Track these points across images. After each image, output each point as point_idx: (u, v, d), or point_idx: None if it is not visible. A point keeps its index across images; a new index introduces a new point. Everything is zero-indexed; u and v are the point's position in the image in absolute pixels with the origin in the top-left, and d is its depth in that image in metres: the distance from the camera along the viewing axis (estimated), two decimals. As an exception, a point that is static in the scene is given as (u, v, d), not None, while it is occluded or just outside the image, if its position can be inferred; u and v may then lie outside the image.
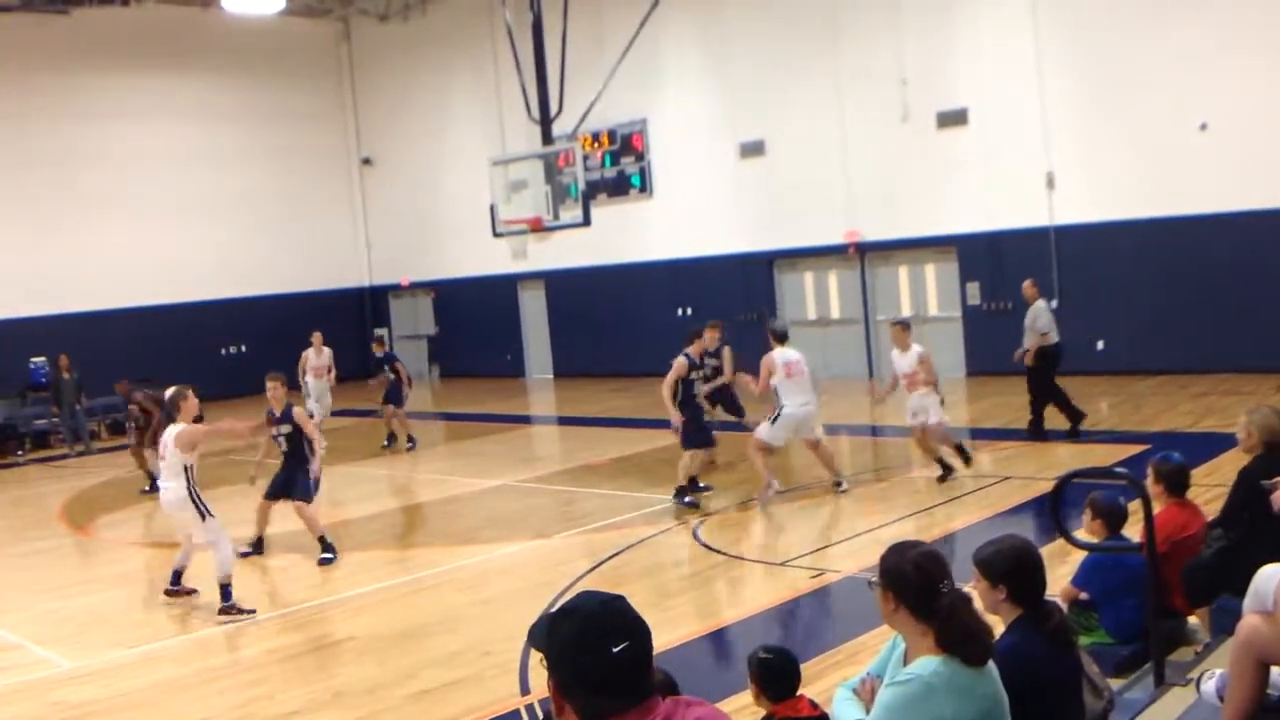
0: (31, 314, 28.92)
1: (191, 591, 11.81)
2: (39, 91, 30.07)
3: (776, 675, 5.34)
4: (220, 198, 32.86)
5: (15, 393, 27.24)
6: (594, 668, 2.64)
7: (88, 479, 20.77)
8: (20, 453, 25.28)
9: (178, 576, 11.85)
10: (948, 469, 14.37)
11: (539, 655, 2.74)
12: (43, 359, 27.78)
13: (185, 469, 11.31)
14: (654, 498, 14.88)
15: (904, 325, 15.10)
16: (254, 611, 11.14)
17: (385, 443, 21.17)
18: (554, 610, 2.76)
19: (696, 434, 14.61)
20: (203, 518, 11.30)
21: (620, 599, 2.74)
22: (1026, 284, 17.57)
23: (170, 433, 11.50)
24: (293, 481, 13.32)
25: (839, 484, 14.45)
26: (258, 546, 13.57)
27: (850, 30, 24.38)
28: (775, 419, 13.99)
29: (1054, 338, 16.89)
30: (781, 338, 14.20)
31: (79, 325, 28.97)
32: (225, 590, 11.14)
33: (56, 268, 29.61)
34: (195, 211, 32.29)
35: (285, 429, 13.28)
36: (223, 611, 11.03)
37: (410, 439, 20.99)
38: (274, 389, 13.50)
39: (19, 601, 12.70)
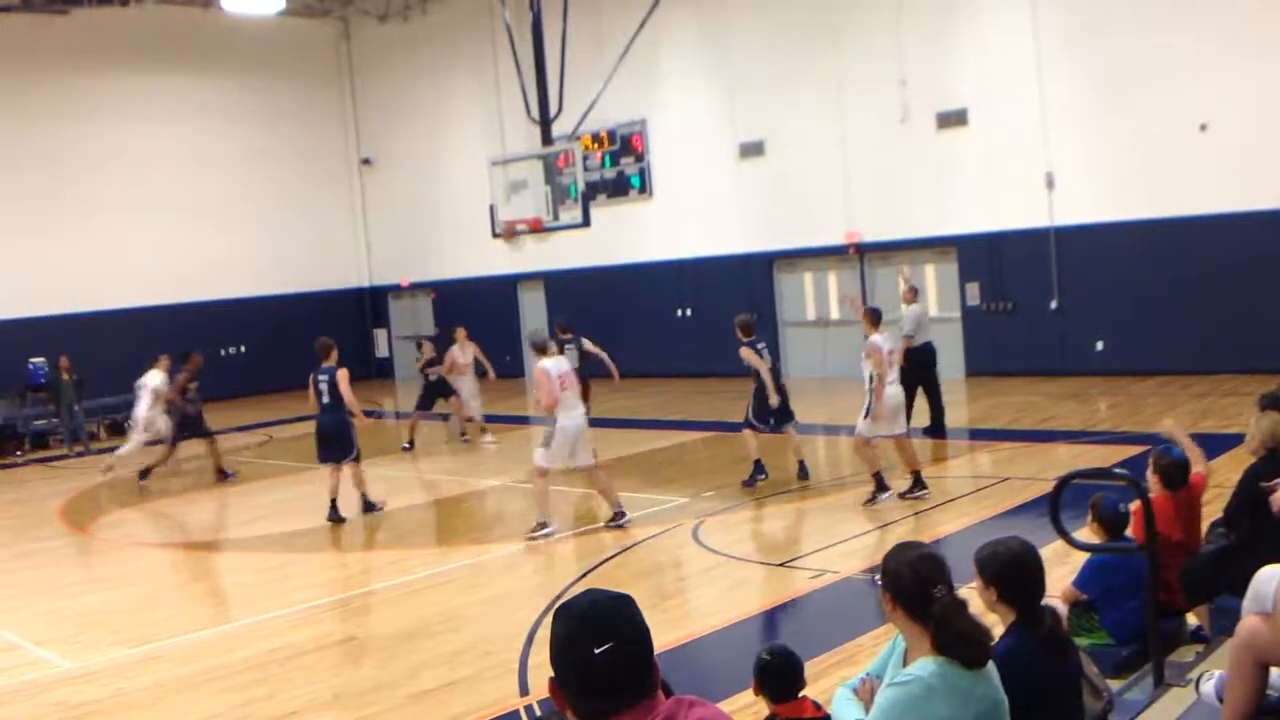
0: (31, 314, 28.93)
1: None
2: (38, 91, 30.07)
3: (778, 676, 5.35)
4: (220, 198, 32.84)
5: (15, 393, 27.24)
6: (577, 668, 2.65)
7: (87, 479, 20.76)
8: (19, 453, 25.28)
9: None
10: (881, 488, 13.52)
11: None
12: (42, 359, 27.77)
13: None
14: (654, 498, 14.90)
15: (870, 312, 14.04)
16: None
17: (464, 436, 21.45)
18: (561, 610, 2.74)
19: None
20: None
21: (620, 599, 2.73)
22: (904, 289, 18.51)
23: None
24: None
25: (617, 516, 13.41)
26: None
27: (850, 30, 24.39)
28: (550, 438, 13.38)
29: (920, 340, 17.64)
30: (541, 348, 13.64)
31: (78, 326, 28.98)
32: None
33: (56, 268, 29.61)
34: (195, 212, 32.28)
35: None
36: None
37: (411, 442, 21.01)
38: None
39: (18, 602, 12.70)
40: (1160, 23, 20.50)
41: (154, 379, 19.80)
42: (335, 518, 15.00)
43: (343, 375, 15.10)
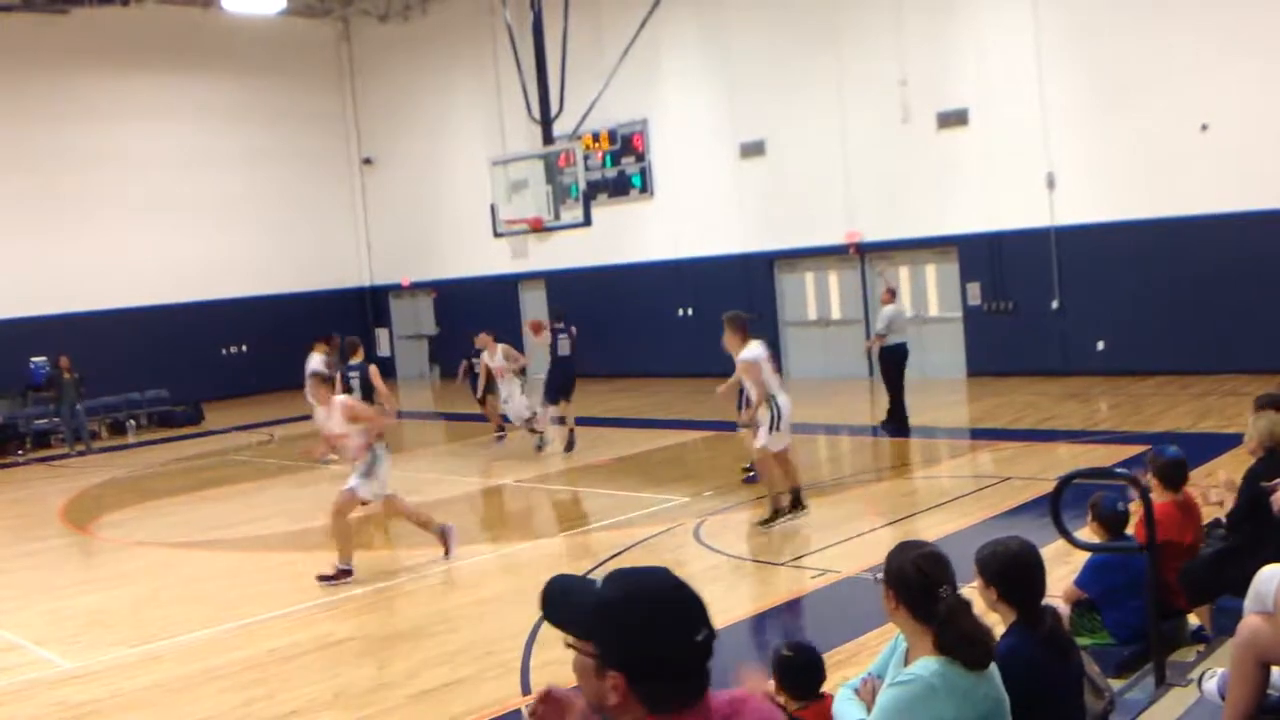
0: (31, 314, 28.95)
1: None
2: (38, 91, 30.09)
3: (801, 672, 5.32)
4: (221, 198, 32.89)
5: (16, 393, 27.26)
6: (677, 655, 2.51)
7: (88, 479, 20.77)
8: (21, 452, 25.29)
9: None
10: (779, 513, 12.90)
11: (560, 635, 2.60)
12: (43, 359, 27.80)
13: None
14: (655, 498, 14.89)
15: (733, 319, 13.82)
16: None
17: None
18: (609, 591, 2.57)
19: None
20: None
21: (682, 582, 2.61)
22: (884, 292, 19.21)
23: None
24: None
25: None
26: None
27: (851, 30, 24.39)
28: (371, 467, 12.46)
29: (894, 339, 18.28)
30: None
31: (79, 325, 28.99)
32: None
33: (56, 268, 29.65)
34: (195, 211, 32.32)
35: None
36: None
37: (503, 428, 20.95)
38: None
39: (19, 602, 12.70)
40: (1161, 23, 20.51)
41: (314, 361, 19.82)
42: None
43: (374, 370, 15.34)
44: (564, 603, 2.62)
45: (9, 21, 29.04)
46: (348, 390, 15.27)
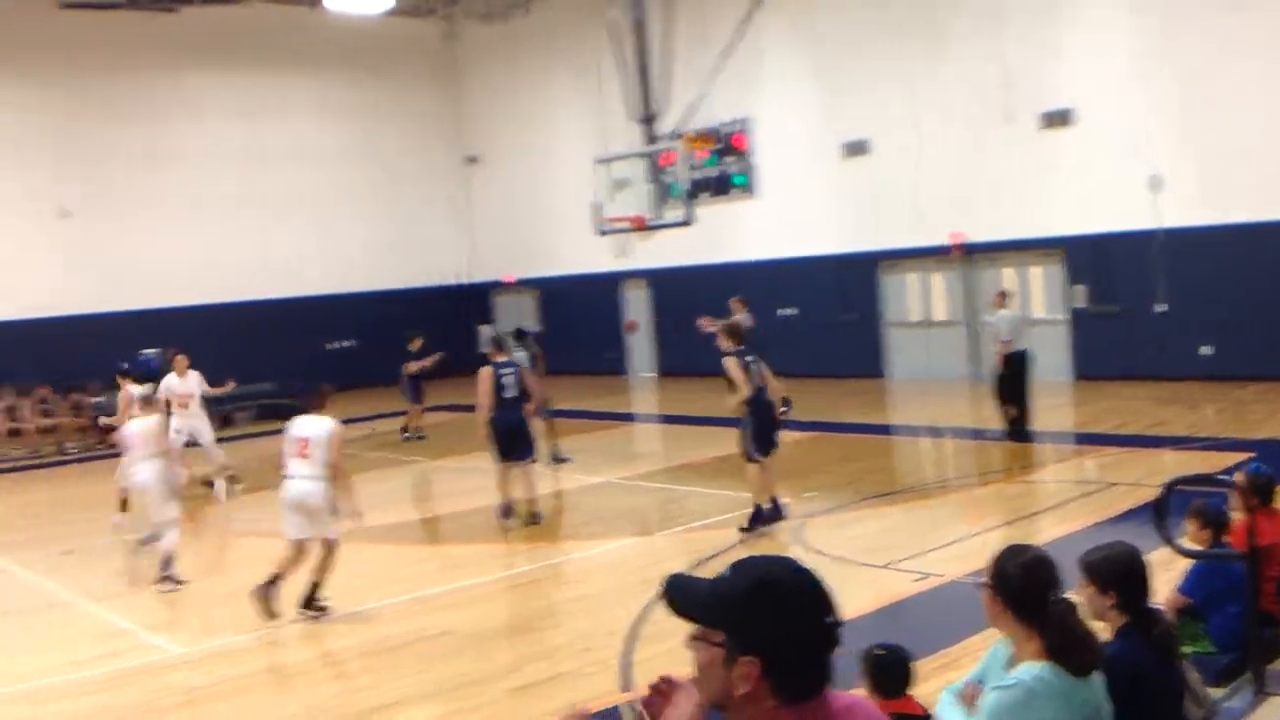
0: (140, 307, 29.65)
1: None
2: (147, 88, 30.90)
3: (890, 671, 5.35)
4: (326, 195, 33.50)
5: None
6: (810, 637, 2.55)
7: (199, 468, 21.04)
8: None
9: None
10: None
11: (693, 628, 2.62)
12: (154, 351, 28.33)
13: None
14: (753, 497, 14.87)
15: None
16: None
17: None
18: (740, 576, 2.62)
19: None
20: None
21: (808, 569, 2.65)
22: (995, 296, 18.53)
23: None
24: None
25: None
26: None
27: (952, 30, 24.13)
28: None
29: (1016, 345, 17.47)
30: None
31: (187, 319, 29.59)
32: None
33: (164, 263, 30.49)
34: (300, 208, 32.96)
35: None
36: None
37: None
38: None
39: (130, 588, 12.98)
40: (1269, 21, 20.04)
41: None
42: (507, 516, 14.48)
43: (527, 371, 14.99)
44: (691, 592, 2.66)
45: (118, 19, 29.73)
46: (500, 390, 14.84)
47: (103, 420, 16.63)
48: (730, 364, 13.01)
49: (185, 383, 18.79)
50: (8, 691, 9.56)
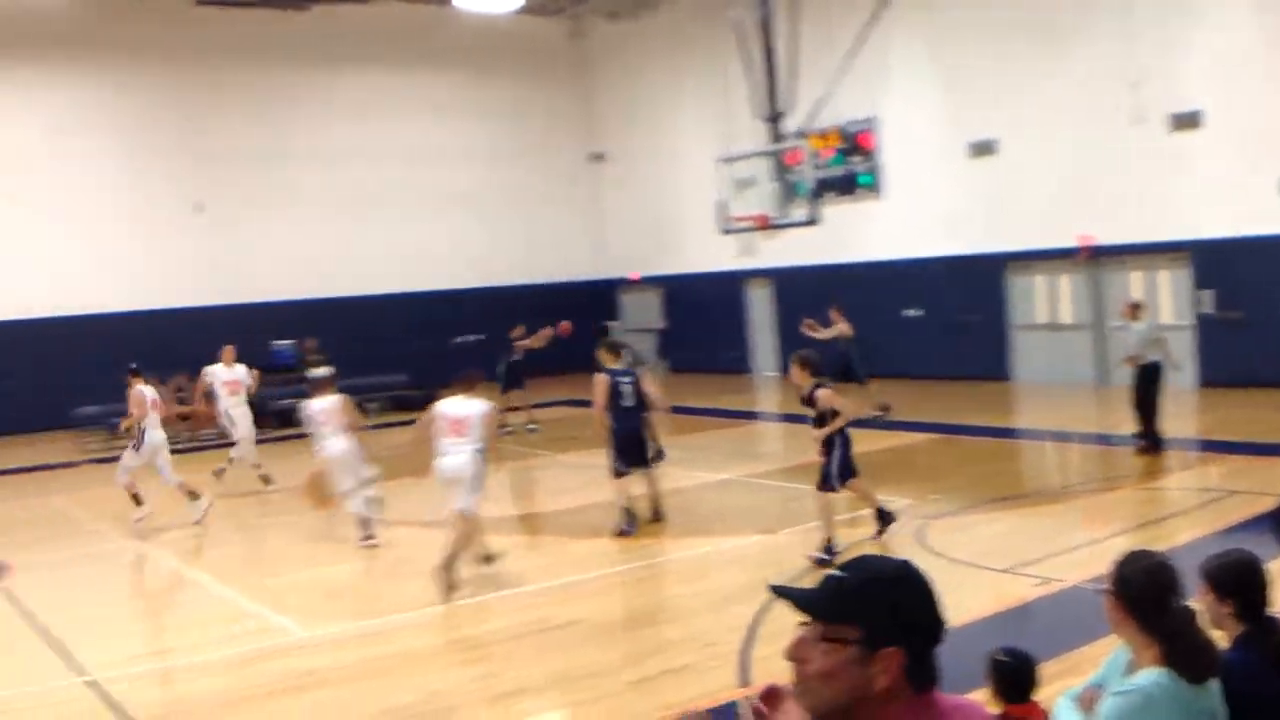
0: (274, 299, 30.44)
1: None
2: (279, 86, 31.79)
3: (1015, 675, 5.38)
4: (454, 192, 34.01)
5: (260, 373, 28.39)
6: (931, 627, 2.59)
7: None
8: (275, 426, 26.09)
9: None
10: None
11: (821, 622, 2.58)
12: (287, 342, 29.02)
13: None
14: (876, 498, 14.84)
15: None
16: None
17: None
18: (865, 571, 2.64)
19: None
20: None
21: None
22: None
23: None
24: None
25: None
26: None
27: (1080, 29, 23.69)
28: None
29: (1147, 358, 16.85)
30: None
31: (320, 311, 30.30)
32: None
33: (296, 257, 31.39)
34: (430, 205, 33.54)
35: None
36: None
37: None
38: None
39: (257, 570, 13.38)
40: None
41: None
42: (631, 527, 13.98)
43: (646, 378, 14.89)
44: (819, 590, 2.64)
45: (252, 16, 30.46)
46: (617, 397, 14.30)
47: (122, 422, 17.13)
48: (824, 395, 12.64)
49: (232, 372, 19.67)
50: (137, 671, 9.88)
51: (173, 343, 26.64)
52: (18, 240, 28.50)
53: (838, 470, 12.33)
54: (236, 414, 19.42)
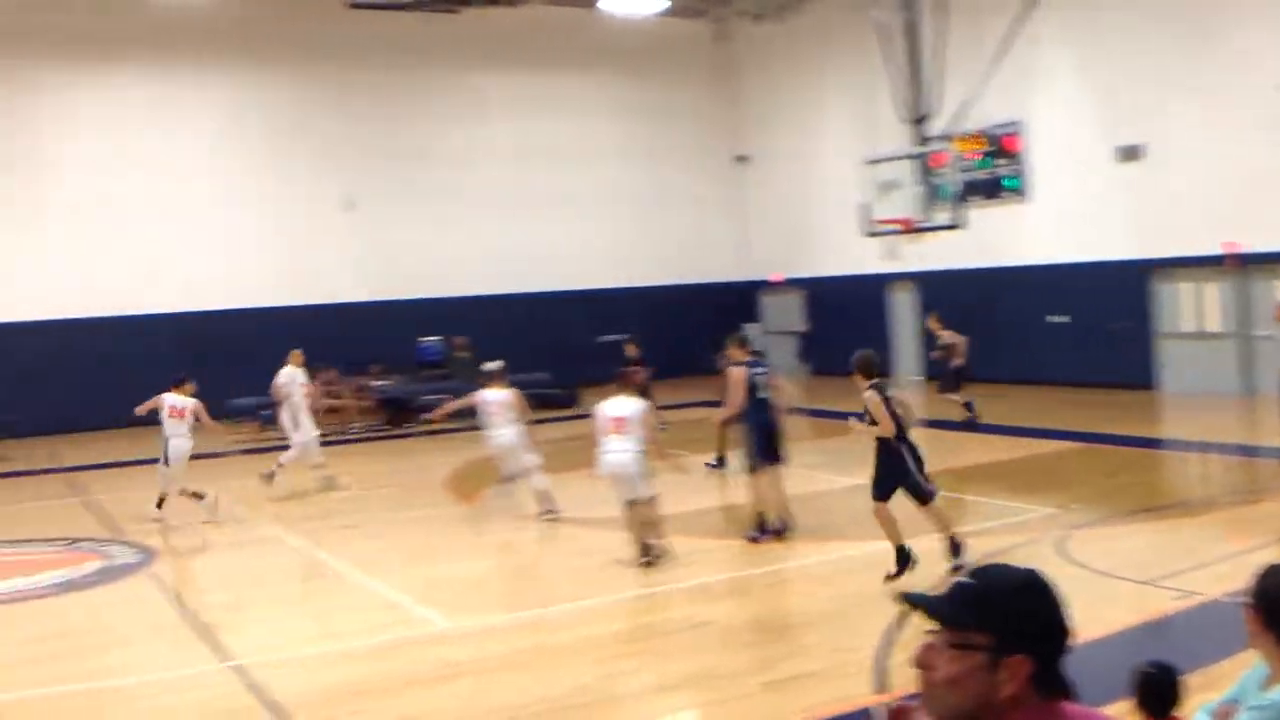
0: (419, 296, 31.17)
1: None
2: (430, 88, 32.52)
3: (1158, 690, 5.36)
4: (599, 192, 34.37)
5: (408, 369, 29.00)
6: (1061, 631, 2.62)
7: (474, 451, 21.53)
8: (422, 419, 26.40)
9: None
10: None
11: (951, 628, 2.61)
12: (434, 339, 29.56)
13: None
14: (1020, 507, 14.74)
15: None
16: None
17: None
18: (993, 579, 2.67)
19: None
20: None
21: None
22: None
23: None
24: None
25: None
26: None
27: (1230, 31, 23.11)
28: None
29: None
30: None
31: (464, 309, 30.86)
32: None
33: (441, 255, 32.03)
34: (574, 205, 33.90)
35: None
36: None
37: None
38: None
39: (401, 562, 13.65)
40: None
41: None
42: (763, 532, 13.84)
43: (777, 373, 14.98)
44: (946, 597, 2.68)
45: (402, 19, 31.00)
46: (752, 390, 14.32)
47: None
48: (867, 398, 12.46)
49: (303, 375, 20.05)
50: (279, 658, 10.18)
51: (321, 337, 27.21)
52: (172, 236, 29.43)
53: (875, 482, 12.05)
54: (302, 417, 19.63)
